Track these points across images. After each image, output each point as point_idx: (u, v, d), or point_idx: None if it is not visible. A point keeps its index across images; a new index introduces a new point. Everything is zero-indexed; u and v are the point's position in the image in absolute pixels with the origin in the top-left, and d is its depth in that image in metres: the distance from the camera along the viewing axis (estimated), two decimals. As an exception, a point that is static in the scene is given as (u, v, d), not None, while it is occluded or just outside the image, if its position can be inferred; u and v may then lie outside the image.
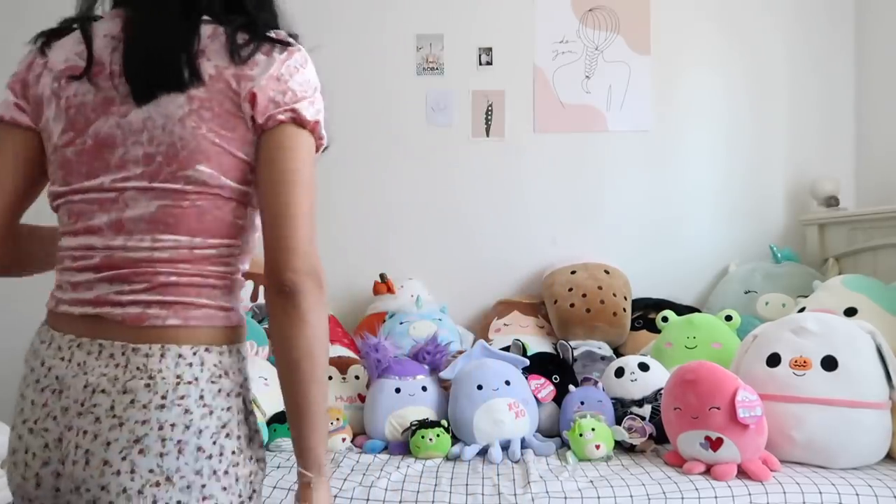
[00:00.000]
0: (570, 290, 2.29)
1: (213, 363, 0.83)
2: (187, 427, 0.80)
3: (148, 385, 0.79)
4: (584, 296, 2.25)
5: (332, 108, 2.91)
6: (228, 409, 0.84)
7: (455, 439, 1.71)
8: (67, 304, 0.86)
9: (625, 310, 2.27)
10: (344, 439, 1.73)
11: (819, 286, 1.97)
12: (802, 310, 1.84)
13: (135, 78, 0.83)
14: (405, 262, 2.54)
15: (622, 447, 1.67)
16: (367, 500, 1.41)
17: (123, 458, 0.78)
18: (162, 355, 0.81)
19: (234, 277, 0.90)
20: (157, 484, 0.78)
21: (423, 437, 1.64)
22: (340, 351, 2.13)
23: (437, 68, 2.58)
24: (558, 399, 1.84)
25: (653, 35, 2.55)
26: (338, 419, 1.75)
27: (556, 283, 2.36)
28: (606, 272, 2.36)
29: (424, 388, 1.79)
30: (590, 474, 1.50)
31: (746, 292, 2.30)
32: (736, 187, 2.57)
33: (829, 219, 2.35)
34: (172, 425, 0.79)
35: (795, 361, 1.57)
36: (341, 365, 1.91)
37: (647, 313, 2.34)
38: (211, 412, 0.82)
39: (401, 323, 2.24)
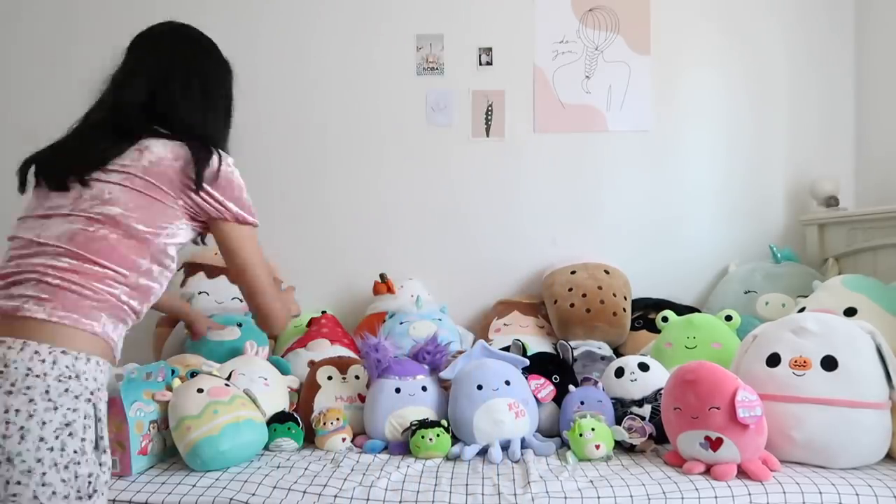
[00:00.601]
0: (570, 290, 2.29)
1: (64, 364, 0.94)
2: (30, 416, 0.90)
3: (2, 372, 0.91)
4: (584, 296, 2.25)
5: (333, 109, 2.92)
6: (75, 410, 0.94)
7: (455, 439, 1.71)
8: None
9: (625, 310, 2.27)
10: (344, 439, 1.73)
11: (819, 286, 1.97)
12: (802, 310, 1.84)
13: None
14: (405, 262, 2.54)
15: (622, 447, 1.68)
16: (367, 500, 1.41)
17: None
18: (21, 349, 0.93)
19: (116, 303, 1.05)
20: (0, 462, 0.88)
21: (423, 437, 1.64)
22: (340, 351, 2.13)
23: (437, 68, 2.58)
24: (558, 399, 1.84)
25: (653, 35, 2.56)
26: (338, 419, 1.75)
27: (556, 283, 2.36)
28: (606, 272, 2.36)
29: (424, 388, 1.79)
30: (590, 474, 1.50)
31: (746, 292, 2.30)
32: (736, 187, 2.57)
33: (829, 219, 2.35)
34: (17, 411, 0.90)
35: (795, 361, 1.57)
36: (341, 365, 1.91)
37: (647, 313, 2.34)
38: (55, 408, 0.92)
39: (401, 323, 2.24)
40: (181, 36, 1.39)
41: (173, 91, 1.25)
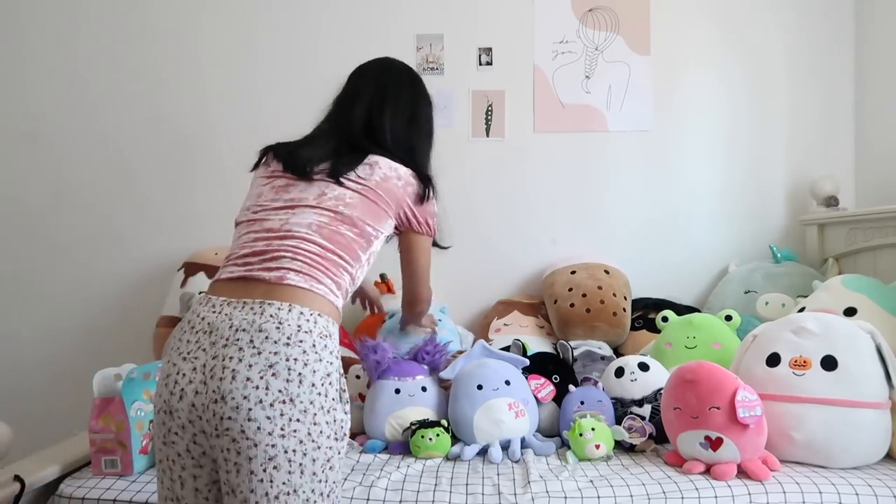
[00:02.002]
0: (570, 290, 2.29)
1: (322, 325, 1.13)
2: (305, 364, 1.06)
3: (278, 328, 1.08)
4: (584, 296, 2.25)
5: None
6: (331, 363, 1.11)
7: (455, 439, 1.71)
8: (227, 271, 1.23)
9: (625, 310, 2.27)
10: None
11: (819, 286, 1.97)
12: (802, 310, 1.84)
13: None
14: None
15: (622, 447, 1.68)
16: (367, 499, 1.41)
17: (261, 377, 1.03)
18: (289, 310, 1.11)
19: (344, 285, 1.26)
20: (284, 402, 1.03)
21: (423, 436, 1.64)
22: (341, 351, 2.13)
23: (437, 68, 2.58)
24: (558, 399, 1.84)
25: (653, 35, 2.56)
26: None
27: (556, 282, 2.36)
28: (606, 272, 2.36)
29: (424, 389, 1.79)
30: (590, 474, 1.50)
31: (746, 292, 2.30)
32: (736, 187, 2.57)
33: (829, 219, 2.35)
34: (295, 360, 1.06)
35: (795, 361, 1.57)
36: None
37: (647, 313, 2.34)
38: (320, 360, 1.09)
39: (401, 323, 2.24)
40: (398, 70, 1.65)
41: (391, 117, 1.48)
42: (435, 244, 1.56)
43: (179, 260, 2.48)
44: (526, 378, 1.84)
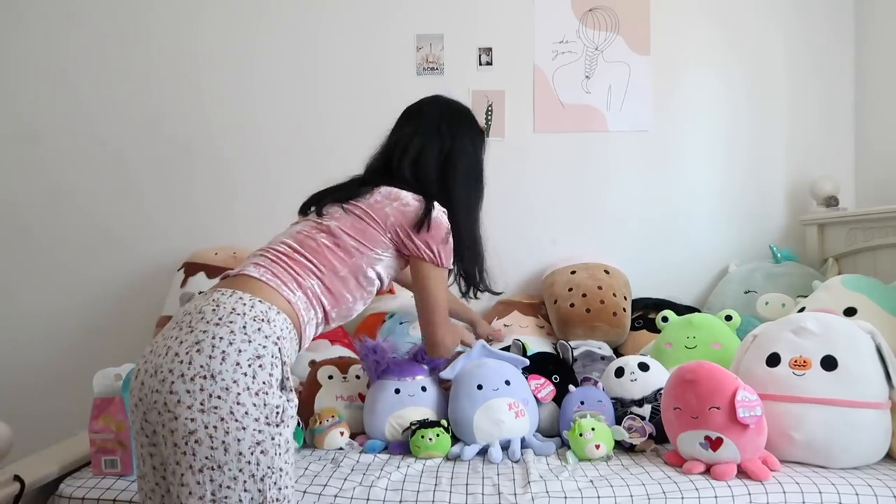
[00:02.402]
0: (570, 290, 2.29)
1: (259, 310, 1.16)
2: (231, 343, 1.09)
3: (214, 310, 1.14)
4: (584, 296, 2.25)
5: (333, 108, 2.92)
6: (264, 346, 1.12)
7: (455, 439, 1.71)
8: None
9: (625, 310, 2.27)
10: (342, 433, 1.72)
11: (819, 286, 1.97)
12: (802, 310, 1.84)
13: None
14: (405, 262, 2.54)
15: (622, 447, 1.68)
16: (367, 499, 1.41)
17: (186, 353, 1.08)
18: (230, 295, 1.18)
19: (309, 291, 1.30)
20: (205, 377, 1.05)
21: (423, 436, 1.64)
22: (341, 351, 2.14)
23: (437, 68, 2.58)
24: (558, 399, 1.84)
25: (653, 35, 2.56)
26: (332, 416, 1.75)
27: (556, 283, 2.36)
28: (606, 272, 2.36)
29: (424, 389, 1.79)
30: (590, 474, 1.50)
31: (746, 292, 2.30)
32: (736, 187, 2.57)
33: (829, 219, 2.35)
34: (221, 338, 1.09)
35: (795, 361, 1.57)
36: (342, 365, 1.91)
37: (647, 313, 2.34)
38: (250, 341, 1.11)
39: (401, 323, 2.24)
40: (438, 105, 1.65)
41: (418, 153, 1.53)
42: (488, 290, 1.60)
43: (179, 260, 2.48)
44: (526, 378, 1.84)
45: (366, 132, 2.69)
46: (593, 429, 1.62)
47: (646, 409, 1.75)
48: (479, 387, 1.74)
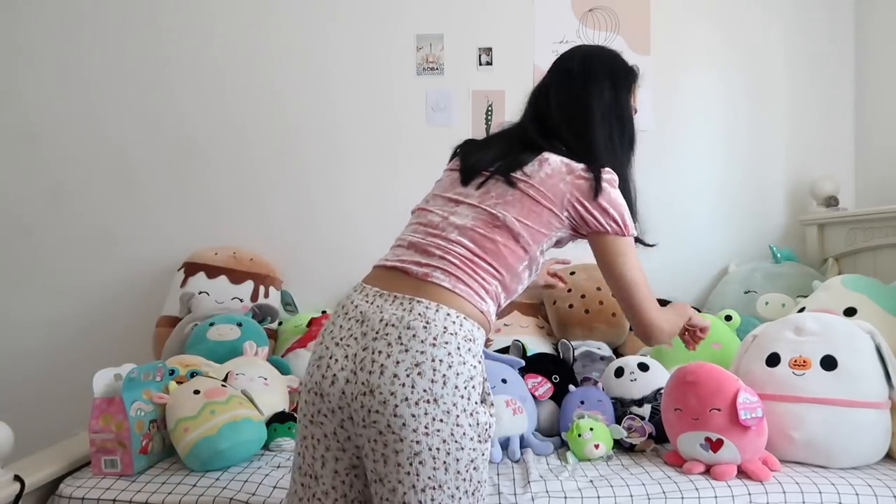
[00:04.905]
0: (570, 290, 2.29)
1: (468, 328, 1.13)
2: (450, 367, 1.07)
3: (426, 327, 1.09)
4: (582, 297, 2.25)
5: (333, 109, 2.91)
6: (475, 367, 1.11)
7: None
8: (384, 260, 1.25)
9: (625, 310, 2.27)
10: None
11: (819, 286, 1.97)
12: (802, 310, 1.84)
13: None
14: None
15: (622, 447, 1.68)
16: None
17: (407, 375, 1.05)
18: (437, 310, 1.11)
19: (494, 292, 1.21)
20: (428, 401, 1.05)
21: (423, 436, 1.64)
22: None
23: (437, 68, 2.58)
24: (558, 399, 1.84)
25: (653, 35, 2.55)
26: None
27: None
28: (606, 272, 2.36)
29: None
30: (590, 474, 1.50)
31: (746, 292, 2.30)
32: (736, 187, 2.57)
33: (829, 219, 2.35)
34: (441, 361, 1.07)
35: (795, 361, 1.57)
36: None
37: (646, 313, 2.34)
38: (464, 363, 1.09)
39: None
40: (586, 55, 1.40)
41: (570, 109, 1.33)
42: (638, 241, 1.38)
43: (179, 260, 2.48)
44: (523, 377, 1.84)
45: (366, 132, 2.71)
46: (592, 429, 1.62)
47: (645, 409, 1.75)
48: (479, 387, 1.74)
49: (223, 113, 2.61)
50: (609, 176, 1.25)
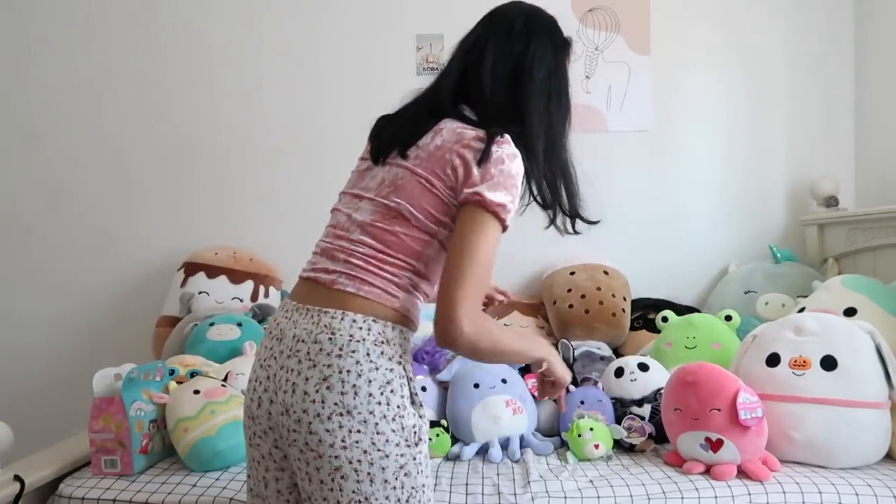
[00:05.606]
0: (569, 290, 2.29)
1: (377, 331, 1.07)
2: (359, 375, 1.03)
3: (331, 339, 1.04)
4: (582, 297, 2.25)
5: (333, 108, 2.92)
6: (391, 369, 1.06)
7: (455, 440, 1.71)
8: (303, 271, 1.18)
9: (624, 310, 2.27)
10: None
11: (819, 286, 1.97)
12: (802, 310, 1.84)
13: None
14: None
15: (622, 447, 1.68)
16: (367, 499, 1.40)
17: (317, 391, 1.02)
18: (342, 318, 1.06)
19: (407, 284, 1.13)
20: (341, 414, 1.02)
21: (422, 436, 1.64)
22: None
23: (437, 68, 2.58)
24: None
25: (653, 35, 2.55)
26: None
27: (556, 284, 2.36)
28: (606, 273, 2.36)
29: (424, 389, 1.80)
30: (590, 474, 1.50)
31: (746, 292, 2.30)
32: (736, 187, 2.57)
33: (829, 219, 2.35)
34: (348, 371, 1.03)
35: (795, 361, 1.57)
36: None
37: (646, 313, 2.34)
38: (377, 368, 1.04)
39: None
40: (513, 10, 1.31)
41: (489, 70, 1.22)
42: (580, 218, 1.28)
43: (179, 260, 2.48)
44: (523, 377, 1.84)
45: (366, 132, 2.70)
46: (591, 429, 1.62)
47: (645, 409, 1.75)
48: (476, 385, 1.74)
49: (223, 113, 2.61)
50: (509, 149, 1.10)
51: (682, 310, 2.21)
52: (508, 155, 1.10)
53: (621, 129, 2.57)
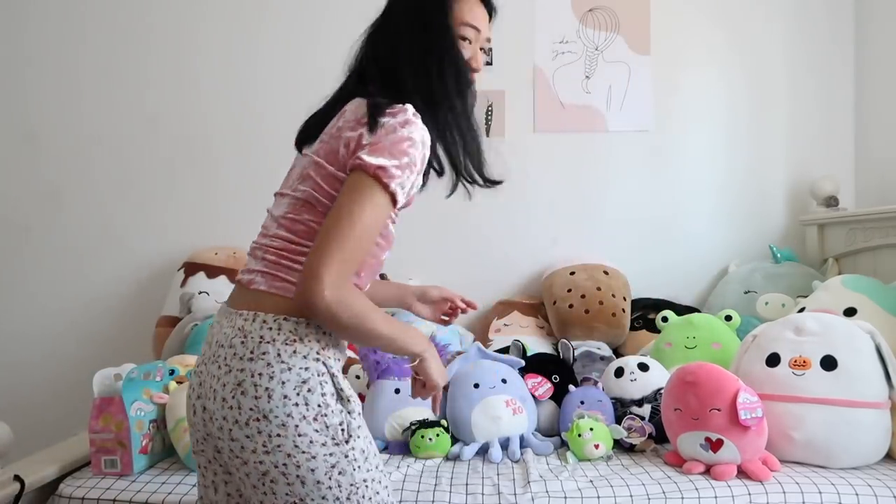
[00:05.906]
0: (569, 291, 2.29)
1: (288, 329, 1.03)
2: (271, 377, 1.00)
3: (243, 342, 1.02)
4: (582, 297, 2.25)
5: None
6: (306, 368, 1.02)
7: (455, 440, 1.71)
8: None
9: (623, 310, 2.27)
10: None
11: (819, 286, 1.97)
12: (802, 310, 1.84)
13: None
14: (405, 263, 2.53)
15: (622, 447, 1.68)
16: (367, 499, 1.40)
17: (233, 397, 1.00)
18: (253, 319, 1.04)
19: None
20: (258, 419, 0.99)
21: (422, 436, 1.64)
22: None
23: (436, 68, 2.57)
24: (558, 399, 1.84)
25: (653, 35, 2.56)
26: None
27: (556, 284, 2.36)
28: (606, 273, 2.36)
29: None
30: (590, 474, 1.50)
31: (746, 292, 2.30)
32: (736, 187, 2.57)
33: (829, 219, 2.35)
34: (260, 374, 1.00)
35: (795, 361, 1.57)
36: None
37: (646, 313, 2.34)
38: (289, 368, 1.01)
39: (400, 322, 2.24)
40: None
41: (384, 43, 1.26)
42: (486, 180, 1.24)
43: (179, 260, 2.48)
44: (523, 377, 1.84)
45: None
46: (591, 429, 1.62)
47: (645, 409, 1.75)
48: (476, 385, 1.74)
49: (222, 113, 2.61)
50: (403, 116, 1.05)
51: (682, 310, 2.21)
52: (401, 122, 1.05)
53: (621, 129, 2.57)
